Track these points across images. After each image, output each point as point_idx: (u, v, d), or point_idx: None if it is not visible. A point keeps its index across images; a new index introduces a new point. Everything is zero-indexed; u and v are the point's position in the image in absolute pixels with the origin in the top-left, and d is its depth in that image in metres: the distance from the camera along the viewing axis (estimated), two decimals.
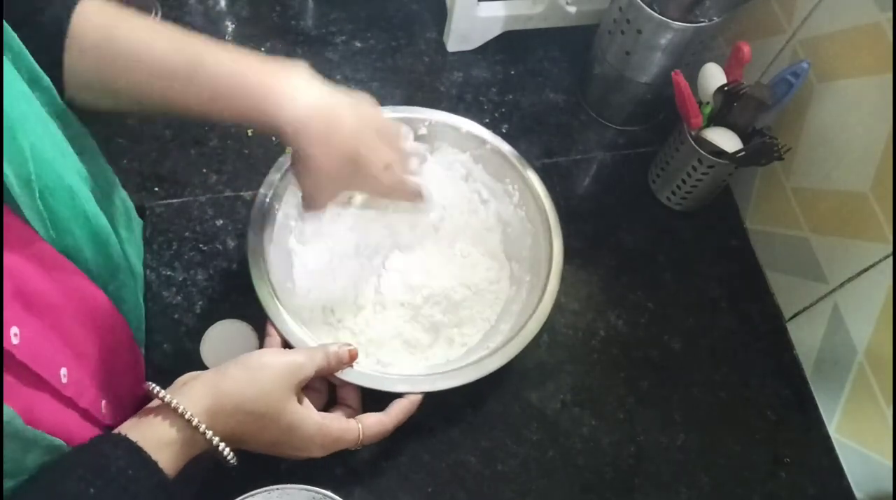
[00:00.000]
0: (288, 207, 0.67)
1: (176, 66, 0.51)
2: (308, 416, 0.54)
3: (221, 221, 0.74)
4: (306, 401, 0.55)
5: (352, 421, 0.57)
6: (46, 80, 0.47)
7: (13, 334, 0.40)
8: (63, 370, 0.44)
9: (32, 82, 0.47)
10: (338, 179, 0.58)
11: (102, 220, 0.52)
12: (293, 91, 0.53)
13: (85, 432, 0.48)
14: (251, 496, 0.53)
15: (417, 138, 0.71)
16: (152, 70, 0.51)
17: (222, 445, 0.49)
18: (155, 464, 0.45)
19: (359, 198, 0.70)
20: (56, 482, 0.42)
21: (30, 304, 0.42)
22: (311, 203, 0.61)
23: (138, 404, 0.61)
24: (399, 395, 0.59)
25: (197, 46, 0.52)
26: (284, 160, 0.66)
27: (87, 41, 0.49)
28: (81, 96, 0.52)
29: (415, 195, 0.64)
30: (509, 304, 0.69)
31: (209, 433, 0.48)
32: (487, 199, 0.73)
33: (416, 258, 0.70)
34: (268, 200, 0.64)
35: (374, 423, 0.57)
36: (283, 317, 0.59)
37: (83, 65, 0.50)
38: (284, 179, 0.65)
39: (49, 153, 0.44)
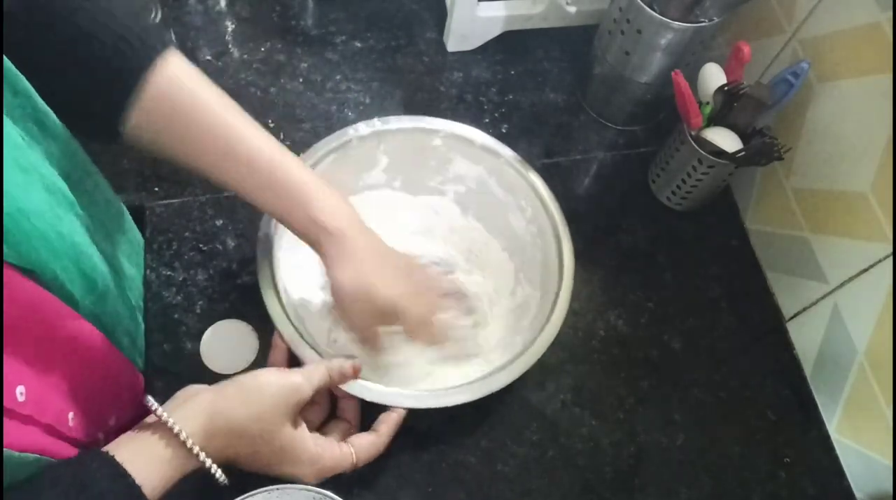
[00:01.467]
0: None
1: (242, 152, 0.52)
2: (302, 442, 0.53)
3: (221, 221, 0.74)
4: (303, 426, 0.55)
5: (345, 447, 0.56)
6: (22, 84, 0.46)
7: None
8: (20, 388, 0.43)
9: (5, 88, 0.45)
10: (365, 310, 0.58)
11: (76, 236, 0.51)
12: (334, 221, 0.55)
13: (51, 445, 0.47)
14: (251, 495, 0.53)
15: (431, 149, 0.71)
16: (224, 152, 0.52)
17: (214, 467, 0.49)
18: (138, 489, 0.45)
19: None
20: (36, 497, 0.42)
21: None
22: (361, 341, 0.62)
23: (124, 415, 0.60)
24: (405, 409, 0.59)
25: (269, 140, 0.54)
26: None
27: (166, 103, 0.50)
28: (136, 143, 0.52)
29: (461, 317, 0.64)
30: (519, 320, 0.68)
31: (202, 455, 0.48)
32: (497, 211, 0.73)
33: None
34: None
35: (367, 446, 0.57)
36: (289, 329, 0.59)
37: (153, 120, 0.50)
38: None
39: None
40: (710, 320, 0.76)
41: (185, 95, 0.51)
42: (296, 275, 0.66)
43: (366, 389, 0.58)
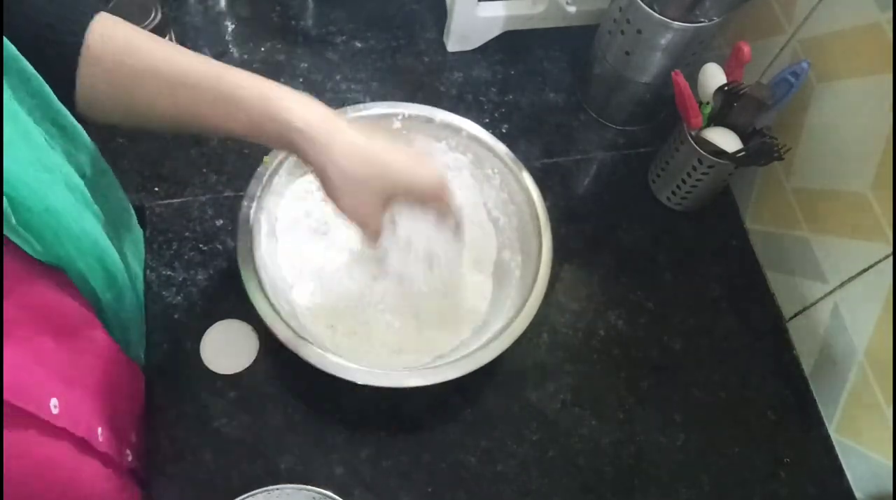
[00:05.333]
0: (271, 218, 0.67)
1: (193, 74, 0.51)
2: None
3: (221, 221, 0.74)
4: None
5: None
6: (37, 83, 0.47)
7: None
8: (53, 401, 0.43)
9: (21, 88, 0.46)
10: (369, 182, 0.54)
11: (96, 233, 0.51)
12: (304, 102, 0.53)
13: (81, 465, 0.47)
14: (251, 496, 0.53)
15: (391, 133, 0.71)
16: (172, 81, 0.51)
17: None
18: None
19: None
20: None
21: (8, 335, 0.41)
22: (362, 228, 0.58)
23: (137, 425, 0.60)
24: (407, 389, 0.59)
25: (208, 61, 0.53)
26: (263, 170, 0.66)
27: (106, 57, 0.50)
28: (93, 112, 0.52)
29: (451, 200, 0.61)
30: (505, 285, 0.69)
31: None
32: (472, 187, 0.73)
33: (410, 258, 0.70)
34: (252, 212, 0.64)
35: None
36: (278, 325, 0.59)
37: (99, 81, 0.50)
38: (265, 188, 0.65)
39: (26, 173, 0.43)
40: (710, 320, 0.76)
41: (120, 46, 0.50)
42: (282, 274, 0.66)
43: (369, 374, 0.58)
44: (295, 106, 0.52)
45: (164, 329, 0.67)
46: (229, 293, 0.70)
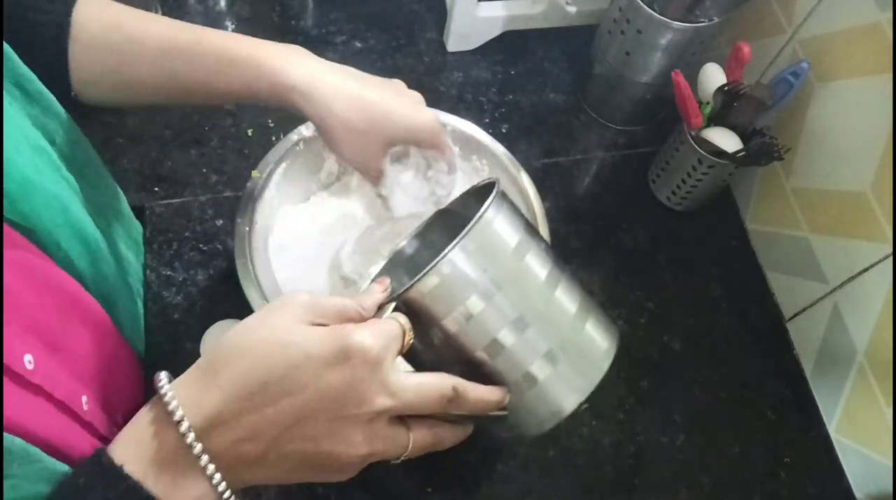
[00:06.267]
0: (265, 229, 0.67)
1: (182, 41, 0.52)
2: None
3: (221, 221, 0.74)
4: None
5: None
6: (5, 51, 0.46)
7: None
8: (27, 357, 0.40)
9: None
10: (371, 131, 0.55)
11: (64, 194, 0.50)
12: (296, 57, 0.54)
13: (66, 427, 0.44)
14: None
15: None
16: (158, 49, 0.52)
17: (217, 477, 0.37)
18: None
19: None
20: None
21: None
22: (365, 173, 0.60)
23: (132, 411, 0.59)
24: None
25: (197, 27, 0.53)
26: (253, 184, 0.65)
27: (93, 34, 0.50)
28: (87, 92, 0.52)
29: (446, 142, 0.61)
30: None
31: (203, 459, 0.37)
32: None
33: (411, 199, 0.70)
34: (247, 228, 0.63)
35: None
36: None
37: (89, 58, 0.51)
38: (258, 201, 0.65)
39: None
40: (710, 320, 0.76)
41: (107, 23, 0.51)
42: (280, 275, 0.66)
43: None
44: (288, 65, 0.52)
45: (164, 329, 0.67)
46: (229, 293, 0.70)
